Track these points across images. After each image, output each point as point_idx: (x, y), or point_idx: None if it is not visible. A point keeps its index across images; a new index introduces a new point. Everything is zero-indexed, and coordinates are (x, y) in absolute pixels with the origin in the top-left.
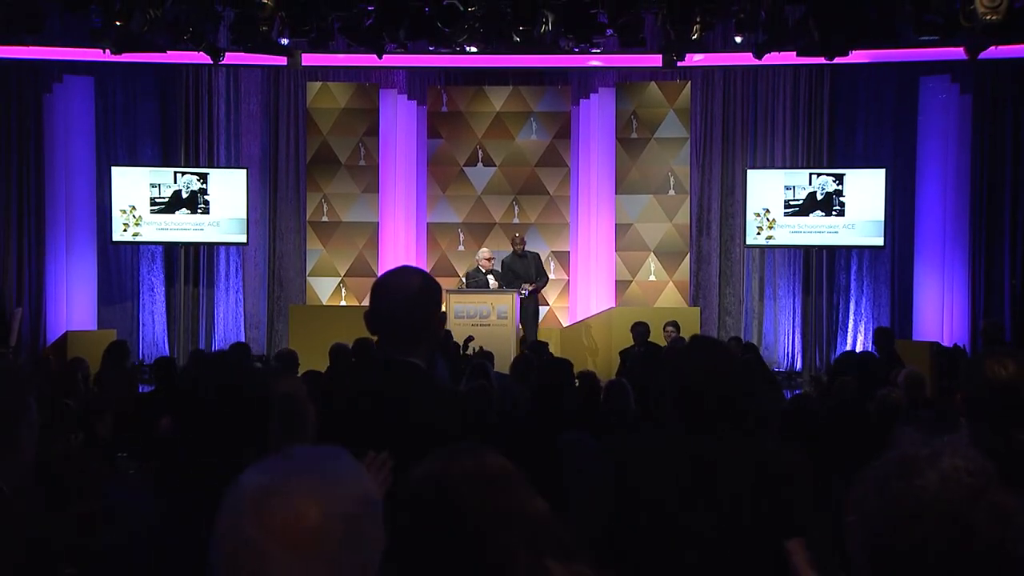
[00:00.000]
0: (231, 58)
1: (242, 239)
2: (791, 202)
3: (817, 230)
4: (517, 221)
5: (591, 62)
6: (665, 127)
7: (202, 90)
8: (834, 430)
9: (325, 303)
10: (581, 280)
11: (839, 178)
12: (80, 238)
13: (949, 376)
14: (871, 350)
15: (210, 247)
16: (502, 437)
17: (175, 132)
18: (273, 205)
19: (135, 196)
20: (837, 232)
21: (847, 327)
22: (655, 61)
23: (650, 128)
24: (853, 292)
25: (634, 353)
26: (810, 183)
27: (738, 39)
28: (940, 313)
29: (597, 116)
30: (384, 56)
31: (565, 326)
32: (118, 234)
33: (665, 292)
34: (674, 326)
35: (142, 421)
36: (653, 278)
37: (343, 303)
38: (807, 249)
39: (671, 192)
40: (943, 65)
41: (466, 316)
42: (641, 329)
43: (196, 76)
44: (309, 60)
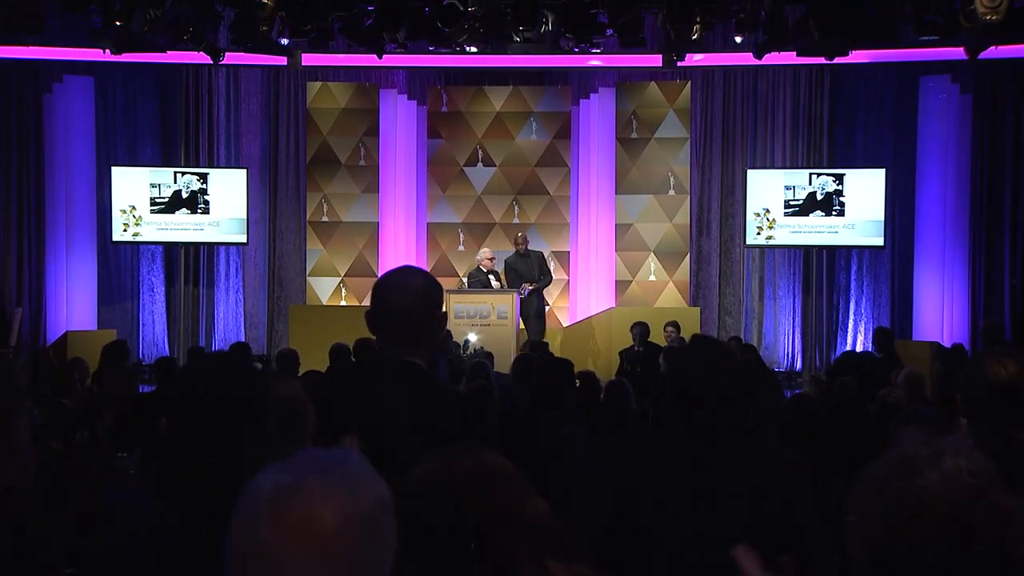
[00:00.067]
0: (231, 58)
1: (242, 239)
2: (791, 202)
3: (817, 230)
4: (517, 221)
5: (591, 62)
6: (665, 127)
7: (202, 90)
8: (834, 430)
9: (325, 303)
10: (581, 280)
11: (839, 178)
12: (80, 238)
13: (949, 377)
14: (871, 350)
15: (210, 247)
16: (502, 437)
17: (175, 132)
18: (273, 205)
19: (135, 196)
20: (837, 232)
21: (847, 327)
22: (655, 61)
23: (650, 128)
24: (853, 292)
25: (634, 353)
26: (810, 183)
27: (738, 39)
28: (940, 313)
29: (597, 116)
30: (384, 56)
31: (565, 326)
32: (118, 234)
33: (665, 292)
34: (674, 326)
35: (142, 421)
36: (653, 278)
37: (343, 303)
38: (807, 249)
39: (671, 192)
40: (943, 65)
41: (466, 316)
42: (641, 329)
43: (196, 76)
44: (309, 60)
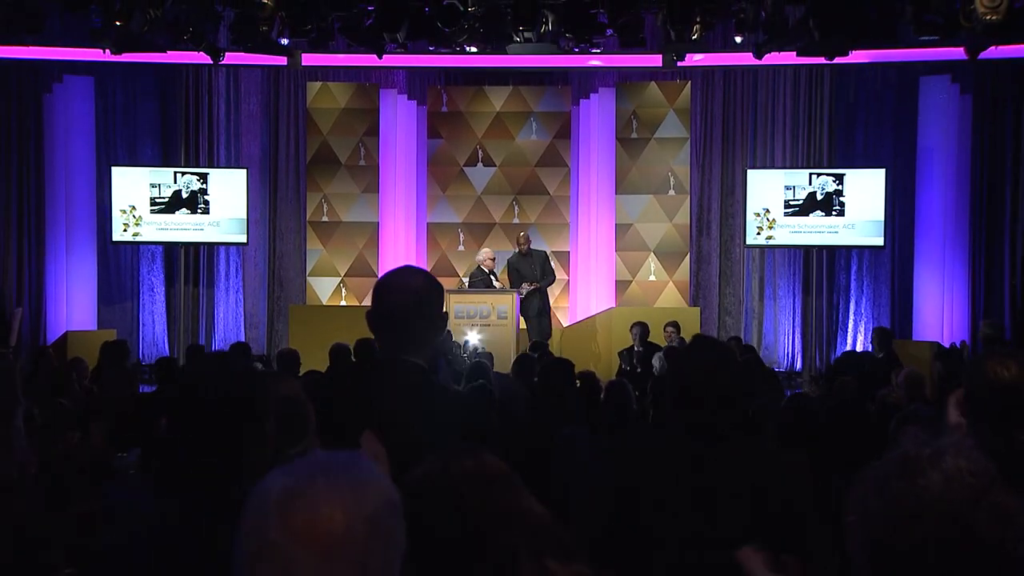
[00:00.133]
0: (231, 58)
1: (242, 239)
2: (791, 202)
3: (817, 230)
4: (517, 221)
5: (591, 62)
6: (665, 127)
7: (202, 90)
8: (834, 430)
9: (325, 303)
10: (581, 280)
11: (839, 178)
12: (80, 238)
13: (950, 377)
14: (871, 350)
15: (210, 247)
16: (502, 437)
17: (175, 132)
18: (273, 205)
19: (135, 196)
20: (837, 232)
21: (847, 327)
22: (655, 61)
23: (650, 128)
24: (853, 292)
25: (634, 353)
26: (810, 183)
27: (738, 39)
28: (940, 313)
29: (597, 116)
30: (384, 56)
31: (565, 326)
32: (118, 234)
33: (665, 292)
34: (674, 326)
35: (142, 421)
36: (653, 278)
37: (343, 303)
38: (807, 249)
39: (671, 192)
40: (943, 65)
41: (466, 316)
42: (640, 329)
43: (196, 76)
44: (309, 60)
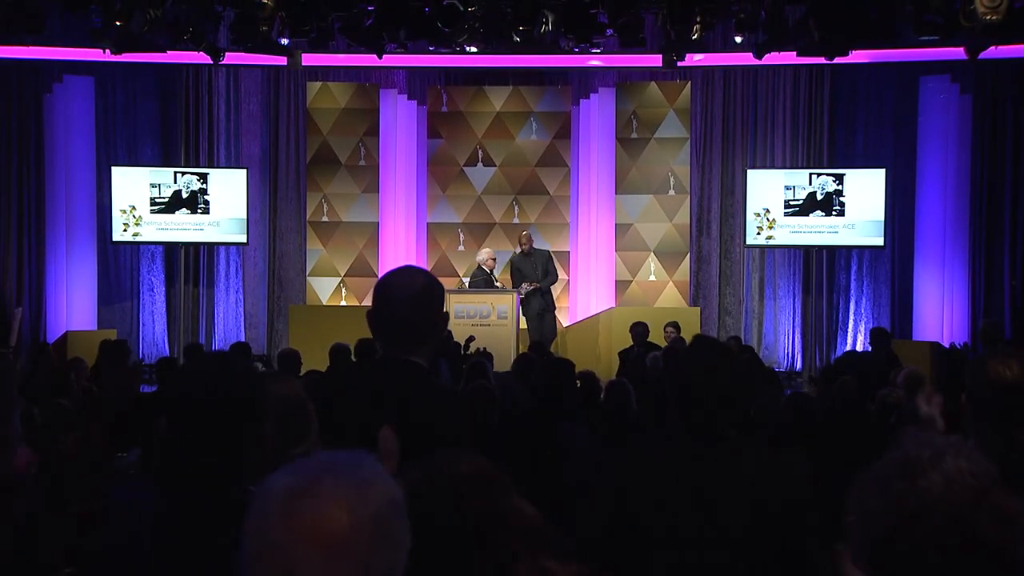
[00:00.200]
0: (231, 58)
1: (242, 239)
2: (791, 202)
3: (817, 230)
4: (517, 221)
5: (591, 62)
6: (665, 127)
7: (202, 90)
8: (834, 430)
9: (325, 303)
10: (581, 280)
11: (839, 178)
12: (80, 238)
13: (950, 377)
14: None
15: (210, 247)
16: (502, 437)
17: (175, 132)
18: (273, 205)
19: (135, 196)
20: (837, 232)
21: (847, 327)
22: (655, 61)
23: (650, 128)
24: (853, 292)
25: (634, 353)
26: (810, 183)
27: (738, 39)
28: (940, 313)
29: (597, 116)
30: (384, 56)
31: (565, 326)
32: (118, 234)
33: (665, 292)
34: (674, 327)
35: (142, 421)
36: (653, 278)
37: (343, 303)
38: (807, 249)
39: (671, 192)
40: (943, 65)
41: (466, 316)
42: (640, 329)
43: (196, 76)
44: (309, 60)
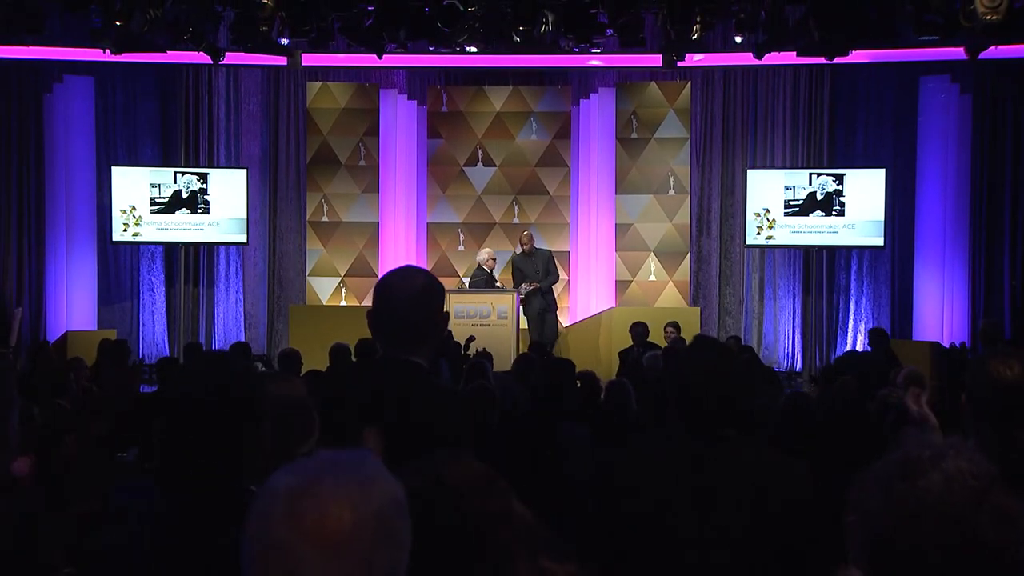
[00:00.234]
0: (231, 58)
1: (242, 239)
2: (791, 202)
3: (817, 230)
4: (517, 221)
5: (591, 62)
6: (665, 127)
7: (202, 90)
8: (834, 430)
9: (325, 303)
10: (581, 280)
11: (839, 178)
12: (80, 238)
13: (951, 378)
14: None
15: (210, 247)
16: (502, 437)
17: (175, 132)
18: (273, 205)
19: (135, 196)
20: (837, 232)
21: (847, 327)
22: (655, 61)
23: (650, 128)
24: (853, 292)
25: (634, 353)
26: (810, 183)
27: (738, 39)
28: (940, 313)
29: (597, 116)
30: (384, 56)
31: (565, 326)
32: (118, 234)
33: (665, 292)
34: (674, 327)
35: (142, 421)
36: (653, 278)
37: (343, 303)
38: (807, 249)
39: (671, 192)
40: (943, 65)
41: (466, 316)
42: (640, 329)
43: (196, 76)
44: (309, 60)
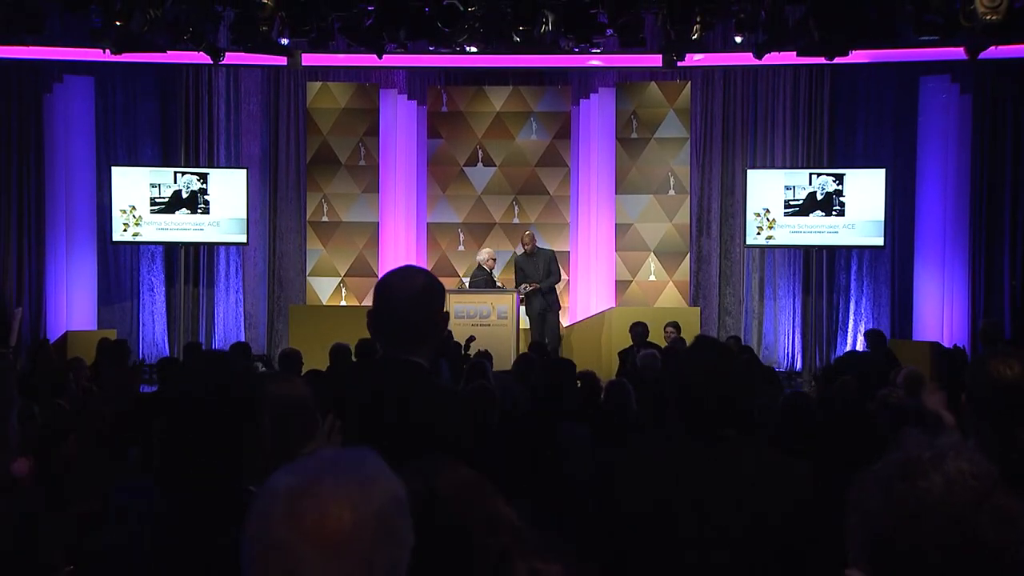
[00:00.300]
0: (231, 58)
1: (242, 239)
2: (791, 202)
3: (817, 230)
4: (517, 221)
5: (591, 62)
6: (665, 127)
7: (202, 90)
8: (833, 430)
9: (325, 303)
10: (581, 280)
11: (839, 178)
12: (80, 238)
13: (951, 378)
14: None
15: (210, 247)
16: (502, 437)
17: (175, 132)
18: (273, 205)
19: (135, 196)
20: (837, 232)
21: (847, 327)
22: (655, 61)
23: (650, 128)
24: (853, 292)
25: (633, 354)
26: (810, 183)
27: (738, 39)
28: (940, 313)
29: (597, 116)
30: (384, 56)
31: (565, 326)
32: (118, 234)
33: (665, 292)
34: (674, 327)
35: (142, 421)
36: (653, 278)
37: (343, 303)
38: (807, 249)
39: (671, 192)
40: (943, 65)
41: (466, 316)
42: (640, 329)
43: (196, 76)
44: (309, 60)
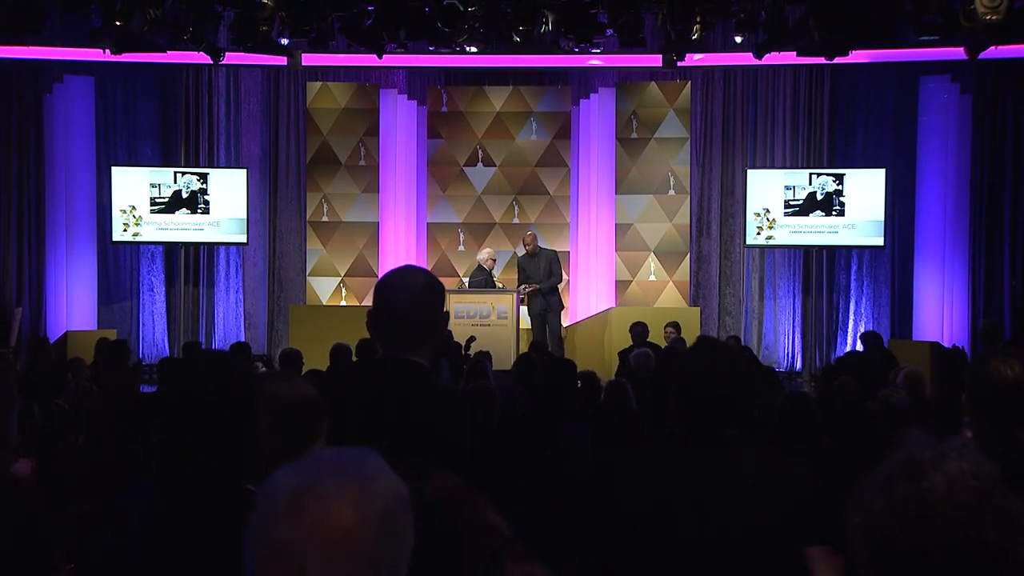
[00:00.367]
0: (231, 58)
1: (242, 239)
2: (791, 202)
3: (817, 230)
4: (517, 221)
5: (591, 62)
6: (665, 127)
7: (202, 90)
8: (833, 430)
9: (325, 303)
10: (581, 280)
11: (839, 178)
12: (80, 238)
13: (950, 377)
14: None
15: (210, 247)
16: (502, 437)
17: (175, 132)
18: (273, 205)
19: (135, 196)
20: (837, 232)
21: (847, 327)
22: (655, 61)
23: (650, 128)
24: (853, 292)
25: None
26: (810, 183)
27: (738, 39)
28: (940, 313)
29: (597, 116)
30: (384, 56)
31: (565, 326)
32: (118, 234)
33: (665, 292)
34: (674, 327)
35: (142, 421)
36: (653, 278)
37: (343, 303)
38: (807, 249)
39: (671, 192)
40: (943, 65)
41: (466, 316)
42: (640, 329)
43: (196, 76)
44: (309, 60)
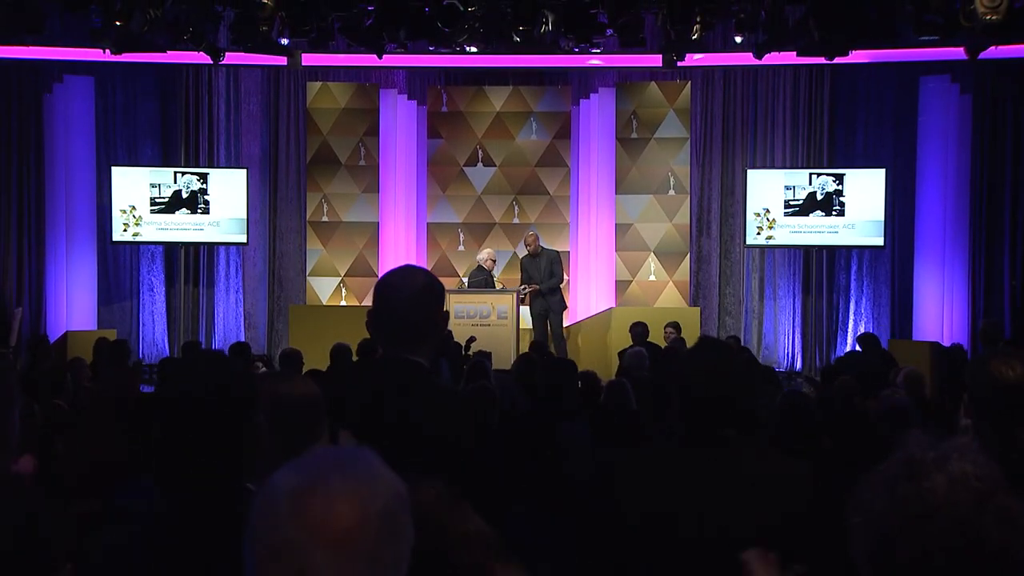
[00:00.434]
0: (231, 58)
1: (242, 239)
2: (791, 202)
3: (817, 230)
4: (517, 221)
5: (591, 62)
6: (665, 127)
7: (202, 90)
8: (833, 430)
9: (325, 303)
10: (581, 280)
11: (839, 178)
12: (80, 238)
13: (950, 377)
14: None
15: (210, 247)
16: (502, 437)
17: (175, 132)
18: (273, 205)
19: (135, 196)
20: (837, 232)
21: (847, 327)
22: (655, 61)
23: (650, 128)
24: (853, 292)
25: None
26: (810, 183)
27: (738, 39)
28: (940, 313)
29: (597, 116)
30: (384, 56)
31: (565, 326)
32: (118, 234)
33: (665, 292)
34: (674, 327)
35: (142, 421)
36: (653, 278)
37: (343, 303)
38: (807, 249)
39: (671, 192)
40: (943, 65)
41: (466, 316)
42: (640, 329)
43: (196, 76)
44: (309, 60)
